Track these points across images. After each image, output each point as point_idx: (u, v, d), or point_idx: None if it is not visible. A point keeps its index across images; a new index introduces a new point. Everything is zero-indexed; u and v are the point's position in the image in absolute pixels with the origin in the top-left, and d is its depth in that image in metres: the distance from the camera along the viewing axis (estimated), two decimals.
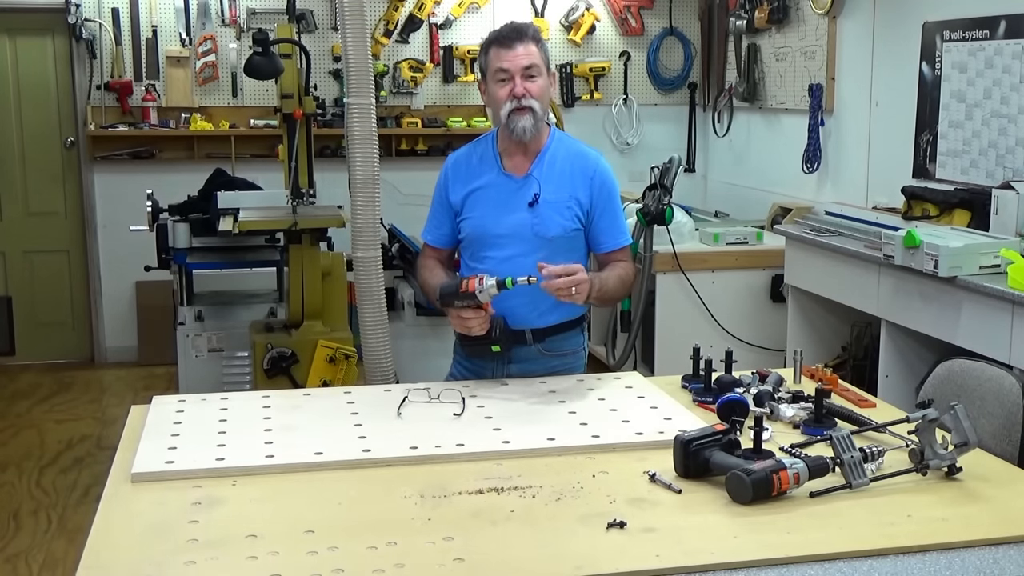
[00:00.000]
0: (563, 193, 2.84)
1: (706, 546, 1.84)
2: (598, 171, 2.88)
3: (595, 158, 2.92)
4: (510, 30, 2.82)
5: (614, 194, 2.91)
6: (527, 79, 2.78)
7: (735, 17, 6.46)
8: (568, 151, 2.90)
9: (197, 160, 6.41)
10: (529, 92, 2.78)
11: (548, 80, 2.85)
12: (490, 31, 2.93)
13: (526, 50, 2.78)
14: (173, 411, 2.57)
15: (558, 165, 2.87)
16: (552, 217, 2.83)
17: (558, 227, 2.83)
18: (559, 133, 2.95)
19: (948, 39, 4.75)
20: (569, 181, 2.85)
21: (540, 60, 2.81)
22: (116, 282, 6.62)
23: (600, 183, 2.87)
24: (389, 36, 6.67)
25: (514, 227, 2.84)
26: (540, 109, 2.80)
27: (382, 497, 2.07)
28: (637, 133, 7.14)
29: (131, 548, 1.85)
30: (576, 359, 2.99)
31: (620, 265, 2.90)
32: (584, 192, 2.85)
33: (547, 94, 2.85)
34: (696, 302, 5.40)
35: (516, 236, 2.84)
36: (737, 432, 2.20)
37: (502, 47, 2.80)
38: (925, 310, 4.05)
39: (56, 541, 4.11)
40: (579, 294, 2.61)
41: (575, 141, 2.98)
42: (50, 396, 6.05)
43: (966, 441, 2.13)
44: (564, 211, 2.84)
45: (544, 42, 2.87)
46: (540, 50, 2.82)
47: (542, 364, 2.91)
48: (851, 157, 5.58)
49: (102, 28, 6.36)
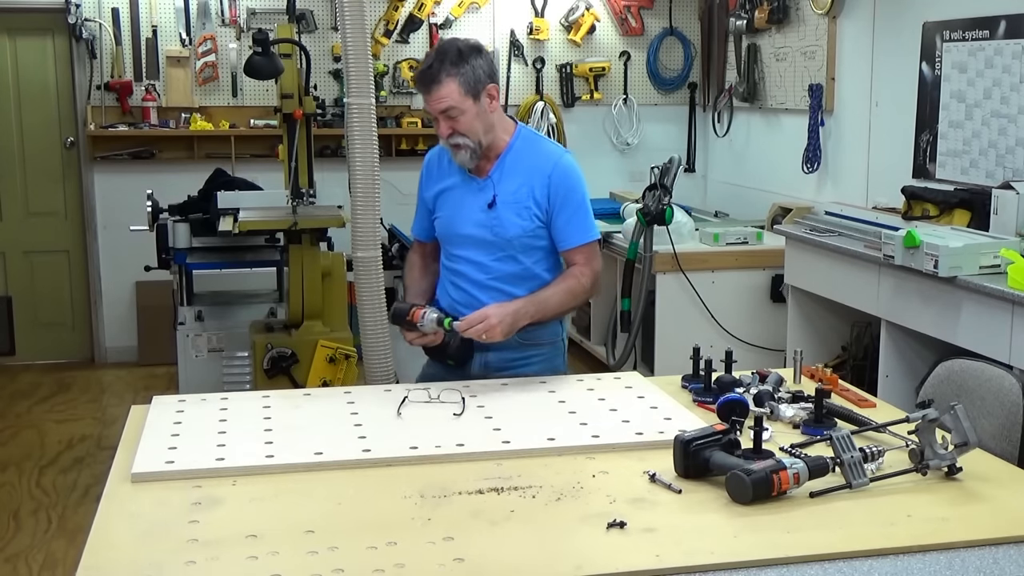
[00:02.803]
0: (521, 193, 2.84)
1: (706, 546, 1.84)
2: (556, 169, 2.85)
3: (555, 156, 2.88)
4: (421, 75, 2.77)
5: (574, 192, 2.87)
6: (449, 119, 2.76)
7: (735, 17, 6.46)
8: (529, 151, 2.89)
9: (197, 160, 6.41)
10: (455, 130, 2.77)
11: (478, 105, 2.76)
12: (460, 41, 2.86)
13: (439, 94, 2.73)
14: (173, 411, 2.57)
15: (518, 166, 2.87)
16: (510, 218, 2.84)
17: (516, 227, 2.84)
18: (525, 132, 2.93)
19: (948, 39, 4.75)
20: (527, 181, 2.85)
21: (458, 96, 2.73)
22: (116, 282, 6.62)
23: (558, 181, 2.84)
24: (389, 36, 6.67)
25: (476, 228, 2.88)
26: (473, 139, 2.79)
27: (382, 497, 2.07)
28: (637, 133, 7.14)
29: (131, 548, 1.85)
30: (554, 349, 2.99)
31: (573, 271, 2.88)
32: (542, 191, 2.84)
33: (478, 121, 2.78)
34: (696, 302, 5.40)
35: (478, 237, 2.88)
36: (737, 432, 2.21)
37: (422, 91, 2.80)
38: (925, 310, 4.05)
39: (56, 541, 4.11)
40: (492, 335, 2.70)
41: (540, 140, 2.96)
42: (50, 396, 6.05)
43: (966, 441, 2.13)
44: (522, 211, 2.84)
45: (470, 63, 2.74)
46: (459, 82, 2.72)
47: (520, 353, 2.91)
48: (851, 157, 5.58)
49: (102, 28, 6.36)
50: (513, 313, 2.74)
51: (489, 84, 2.79)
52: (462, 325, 2.72)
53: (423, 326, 2.78)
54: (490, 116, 2.81)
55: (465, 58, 2.74)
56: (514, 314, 2.74)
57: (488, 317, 2.71)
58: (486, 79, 2.78)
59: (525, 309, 2.77)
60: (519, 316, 2.76)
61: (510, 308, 2.75)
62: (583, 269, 2.88)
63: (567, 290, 2.86)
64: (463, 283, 2.93)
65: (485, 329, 2.70)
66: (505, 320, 2.71)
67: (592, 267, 2.90)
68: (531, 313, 2.79)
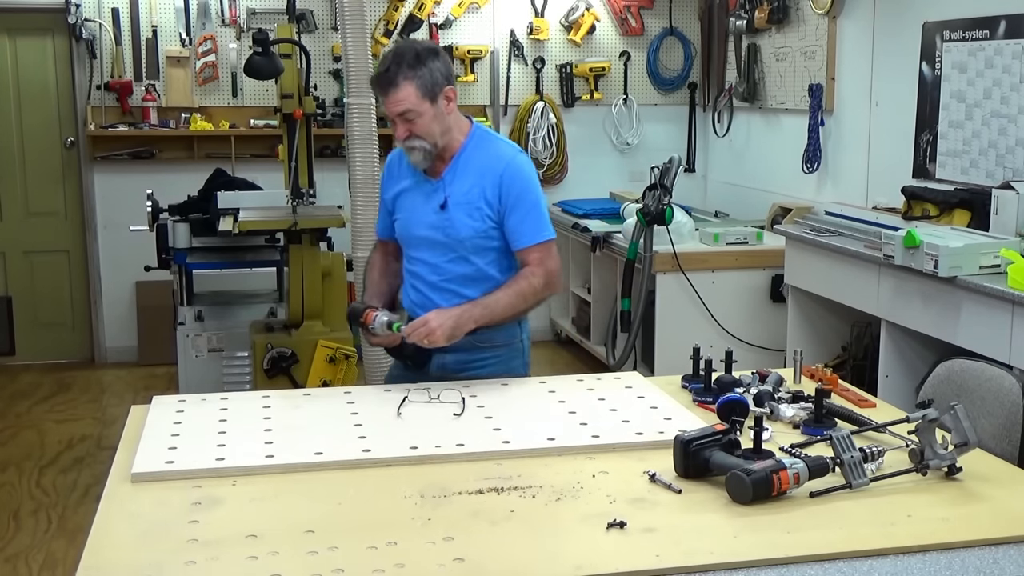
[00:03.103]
0: (473, 194, 2.83)
1: (706, 546, 1.84)
2: (507, 169, 2.84)
3: (507, 157, 2.86)
4: (378, 78, 2.76)
5: (526, 192, 2.85)
6: (407, 122, 2.76)
7: (735, 17, 6.46)
8: (482, 152, 2.88)
9: (197, 160, 6.41)
10: (412, 133, 2.77)
11: (435, 108, 2.77)
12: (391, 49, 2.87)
13: (397, 96, 2.72)
14: (173, 411, 2.57)
15: (470, 167, 2.86)
16: (461, 219, 2.84)
17: (468, 228, 2.84)
18: (480, 132, 2.92)
19: (948, 39, 4.75)
20: (478, 182, 2.84)
21: (415, 99, 2.73)
22: (116, 282, 6.61)
23: (510, 181, 2.82)
24: (389, 36, 6.66)
25: (429, 230, 2.88)
26: (430, 141, 2.79)
27: (382, 497, 2.07)
28: (637, 133, 7.14)
29: (131, 548, 1.85)
30: (512, 351, 2.97)
31: (524, 272, 2.86)
32: (493, 191, 2.83)
33: (435, 123, 2.78)
34: (696, 302, 5.40)
35: (431, 239, 2.89)
36: (737, 432, 2.21)
37: (378, 92, 2.81)
38: (925, 310, 4.05)
39: (56, 541, 4.11)
40: (434, 340, 2.71)
41: (494, 141, 2.93)
42: (50, 396, 6.05)
43: (966, 441, 2.13)
44: (474, 212, 2.83)
45: (427, 65, 2.74)
46: (416, 85, 2.72)
47: (475, 355, 2.89)
48: (851, 157, 5.58)
49: (102, 28, 6.36)
50: (455, 318, 2.75)
51: (446, 86, 2.79)
52: (407, 330, 2.74)
53: (374, 328, 2.81)
54: (447, 118, 2.82)
55: (422, 61, 2.74)
56: (455, 319, 2.75)
57: (428, 322, 2.72)
58: (443, 81, 2.77)
59: (469, 313, 2.77)
60: (461, 320, 2.76)
61: (452, 313, 2.76)
62: (535, 269, 2.86)
63: (516, 292, 2.85)
64: (419, 284, 2.95)
65: (426, 334, 2.71)
66: (446, 325, 2.72)
67: (545, 267, 2.86)
68: (476, 317, 2.78)
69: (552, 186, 7.05)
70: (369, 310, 2.84)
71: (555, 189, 7.06)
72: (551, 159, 6.96)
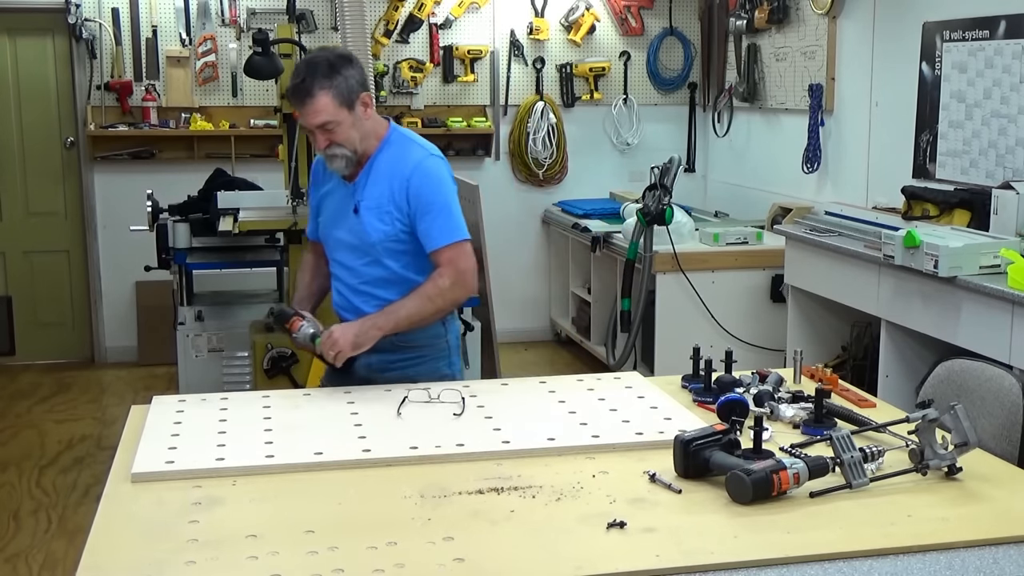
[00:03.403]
0: (383, 199, 2.83)
1: (706, 546, 1.84)
2: (415, 172, 2.82)
3: (415, 160, 2.84)
4: (294, 90, 2.74)
5: (436, 194, 2.83)
6: (326, 132, 2.76)
7: (735, 17, 6.46)
8: (394, 155, 2.86)
9: (197, 160, 6.41)
10: (332, 142, 2.78)
11: (353, 115, 2.76)
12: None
13: (314, 108, 2.71)
14: (173, 411, 2.58)
15: (382, 171, 2.85)
16: (372, 223, 2.84)
17: (379, 232, 2.84)
18: (396, 135, 2.90)
19: (948, 39, 4.75)
20: (389, 186, 2.83)
21: (332, 109, 2.72)
22: (116, 282, 6.61)
23: (418, 184, 2.81)
24: (389, 36, 6.67)
25: (345, 234, 2.90)
26: (350, 148, 2.79)
27: (382, 497, 2.07)
28: (637, 133, 7.14)
29: (131, 548, 1.85)
30: (435, 350, 2.96)
31: (433, 275, 2.83)
32: (401, 195, 2.82)
33: (354, 130, 2.78)
34: (696, 302, 5.40)
35: (347, 242, 2.91)
36: (737, 432, 2.21)
37: (295, 104, 2.80)
38: (925, 310, 4.05)
39: (56, 541, 4.11)
40: (340, 357, 2.77)
41: (408, 144, 2.90)
42: (50, 396, 6.05)
43: (966, 441, 2.13)
44: (384, 216, 2.83)
45: (341, 73, 2.73)
46: (332, 94, 2.71)
47: (398, 355, 2.90)
48: (851, 157, 5.58)
49: (102, 28, 6.36)
50: (355, 332, 2.78)
51: (362, 92, 2.78)
52: (319, 349, 2.81)
53: (297, 338, 2.86)
54: (365, 123, 2.81)
55: (337, 70, 2.73)
56: (356, 332, 2.78)
57: (332, 335, 2.78)
58: (359, 88, 2.77)
59: (372, 322, 2.79)
60: (363, 330, 2.78)
61: (353, 327, 2.79)
62: (444, 270, 2.82)
63: (422, 295, 2.83)
64: (341, 287, 2.97)
65: (331, 347, 2.76)
66: (346, 337, 2.76)
67: (455, 266, 2.83)
68: (380, 325, 2.79)
69: (552, 186, 7.06)
70: (296, 318, 2.88)
71: (555, 189, 7.07)
72: (551, 159, 6.96)
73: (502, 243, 6.64)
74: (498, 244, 6.24)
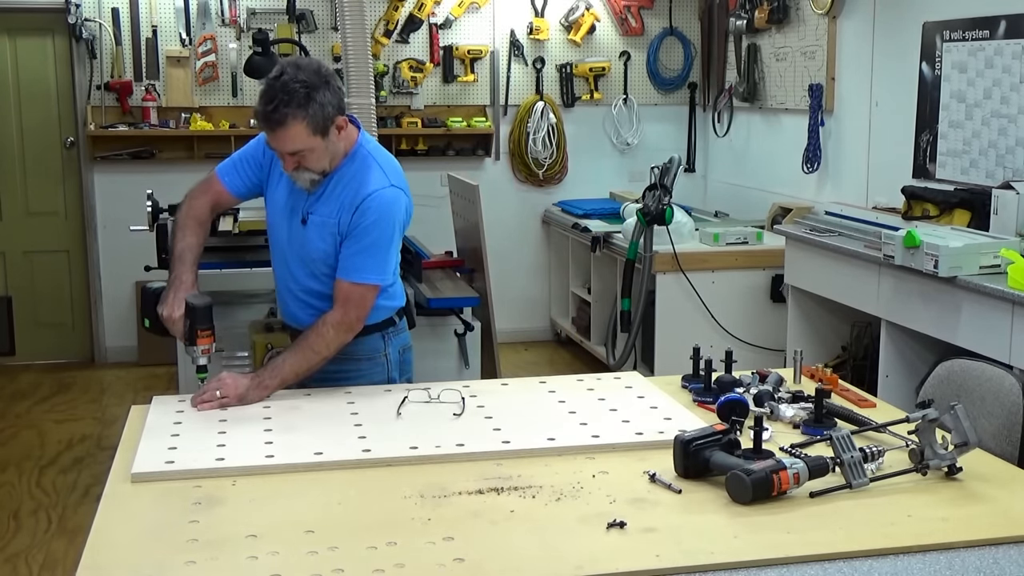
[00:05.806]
0: (330, 217, 2.75)
1: (706, 546, 1.84)
2: (365, 202, 2.70)
3: (371, 190, 2.71)
4: (266, 117, 2.60)
5: (371, 228, 2.71)
6: (294, 156, 2.66)
7: (735, 17, 6.46)
8: (353, 180, 2.75)
9: (197, 160, 6.40)
10: (303, 165, 2.68)
11: (326, 141, 2.65)
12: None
13: (286, 136, 2.60)
14: (173, 411, 2.58)
15: (336, 191, 2.76)
16: (315, 240, 2.77)
17: (318, 250, 2.77)
18: (362, 155, 2.78)
19: (948, 39, 4.75)
20: (338, 208, 2.74)
21: (305, 137, 2.61)
22: (116, 282, 6.61)
23: (360, 215, 2.70)
24: (389, 36, 6.67)
25: (288, 240, 2.85)
26: (318, 170, 2.70)
27: (382, 497, 2.07)
28: (637, 133, 7.14)
29: (131, 548, 1.85)
30: (374, 364, 2.90)
31: (318, 323, 2.74)
32: (346, 220, 2.73)
33: (326, 155, 2.68)
34: (696, 302, 5.40)
35: (290, 250, 2.86)
36: (737, 432, 2.21)
37: (265, 129, 2.66)
38: (925, 310, 4.05)
39: (56, 541, 4.11)
40: (226, 400, 2.61)
41: (369, 167, 2.76)
42: (50, 396, 6.05)
43: (966, 441, 2.13)
44: (327, 236, 2.76)
45: (317, 100, 2.59)
46: (307, 124, 2.59)
47: (337, 367, 2.83)
48: (851, 157, 5.58)
49: (102, 28, 6.36)
50: (246, 387, 2.64)
51: (337, 117, 2.66)
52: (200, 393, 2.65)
53: (188, 351, 2.78)
54: (338, 145, 2.72)
55: (312, 97, 2.59)
56: (247, 387, 2.64)
57: (222, 379, 2.66)
58: (334, 113, 2.64)
59: (259, 381, 2.67)
60: (251, 389, 2.64)
61: (244, 382, 2.66)
62: (334, 313, 2.73)
63: (307, 349, 2.73)
64: (283, 292, 2.95)
65: (220, 392, 2.62)
66: (236, 390, 2.63)
67: (345, 310, 2.73)
68: (267, 384, 2.67)
69: (552, 186, 7.06)
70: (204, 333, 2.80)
71: (555, 189, 7.07)
72: (551, 159, 6.97)
73: (502, 243, 6.64)
74: (498, 244, 6.24)
